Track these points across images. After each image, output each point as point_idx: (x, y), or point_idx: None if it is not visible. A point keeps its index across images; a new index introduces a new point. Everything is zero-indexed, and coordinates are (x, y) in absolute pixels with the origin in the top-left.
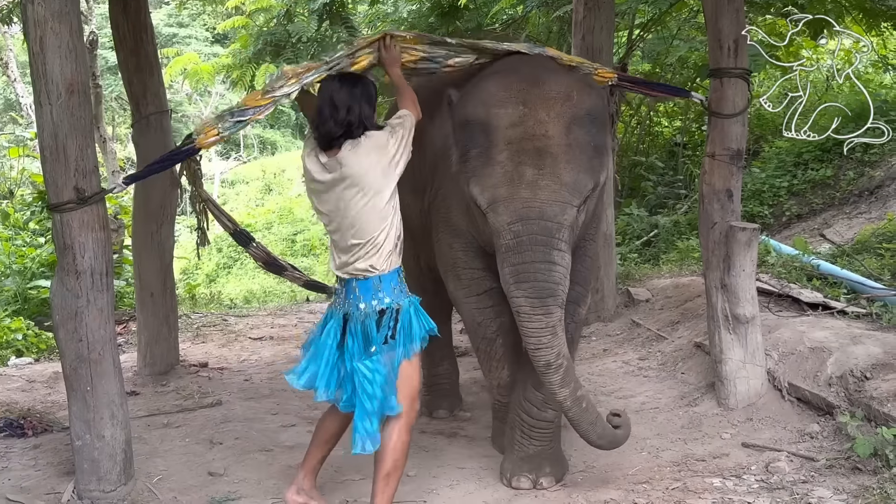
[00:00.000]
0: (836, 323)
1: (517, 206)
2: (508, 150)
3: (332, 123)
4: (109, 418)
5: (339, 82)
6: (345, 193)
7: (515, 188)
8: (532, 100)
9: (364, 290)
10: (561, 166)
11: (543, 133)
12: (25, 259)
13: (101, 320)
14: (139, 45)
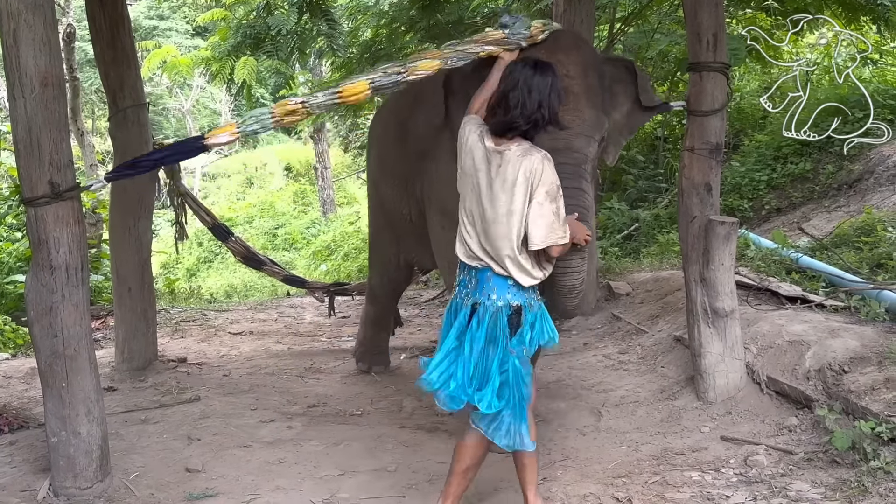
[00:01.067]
0: (814, 316)
1: (546, 139)
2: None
3: (517, 114)
4: (85, 415)
5: (532, 69)
6: (494, 187)
7: None
8: (550, 47)
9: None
10: (582, 104)
11: (565, 73)
12: (2, 253)
13: (77, 316)
14: (116, 38)
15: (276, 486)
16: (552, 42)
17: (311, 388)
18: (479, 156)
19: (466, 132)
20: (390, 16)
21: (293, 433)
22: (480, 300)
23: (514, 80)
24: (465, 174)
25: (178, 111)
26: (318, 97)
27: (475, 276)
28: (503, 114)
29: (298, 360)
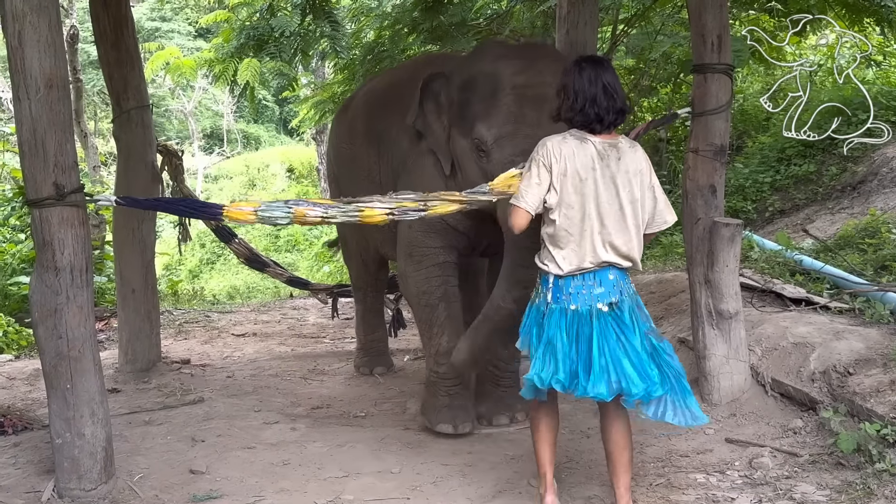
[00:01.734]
0: (819, 318)
1: (520, 140)
2: (513, 95)
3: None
4: (90, 416)
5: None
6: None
7: (519, 126)
8: (530, 55)
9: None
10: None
11: (542, 81)
12: (6, 255)
13: (81, 317)
14: (119, 39)
15: (281, 487)
16: (534, 51)
17: (315, 390)
18: (586, 158)
19: (555, 144)
20: (393, 17)
21: (297, 435)
22: (615, 299)
23: (590, 78)
24: (568, 183)
25: (180, 113)
26: (338, 215)
27: (595, 278)
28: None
29: (302, 362)
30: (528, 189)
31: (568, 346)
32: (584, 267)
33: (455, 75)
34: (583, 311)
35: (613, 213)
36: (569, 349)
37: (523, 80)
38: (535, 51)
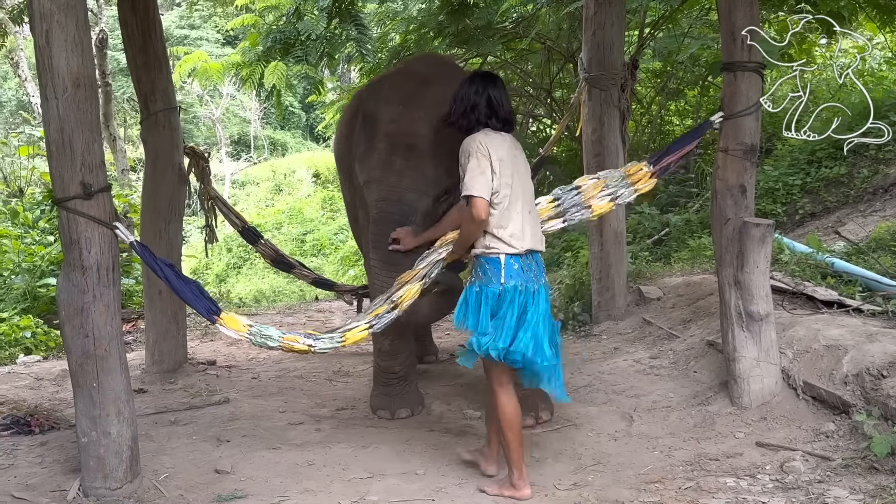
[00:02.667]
0: (851, 321)
1: (384, 187)
2: (385, 142)
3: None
4: (115, 415)
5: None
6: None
7: (384, 173)
8: (411, 100)
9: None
10: (426, 161)
11: (412, 131)
12: (35, 257)
13: (108, 316)
14: (147, 43)
15: (305, 488)
16: (419, 94)
17: (340, 392)
18: (507, 148)
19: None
20: (419, 21)
21: (322, 436)
22: (543, 279)
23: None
24: (506, 168)
25: (208, 119)
26: (325, 341)
27: (534, 259)
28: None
29: (327, 363)
30: (476, 178)
31: (514, 320)
32: (528, 245)
33: (362, 102)
34: (530, 289)
35: (530, 199)
36: (514, 322)
37: (395, 129)
38: (417, 91)
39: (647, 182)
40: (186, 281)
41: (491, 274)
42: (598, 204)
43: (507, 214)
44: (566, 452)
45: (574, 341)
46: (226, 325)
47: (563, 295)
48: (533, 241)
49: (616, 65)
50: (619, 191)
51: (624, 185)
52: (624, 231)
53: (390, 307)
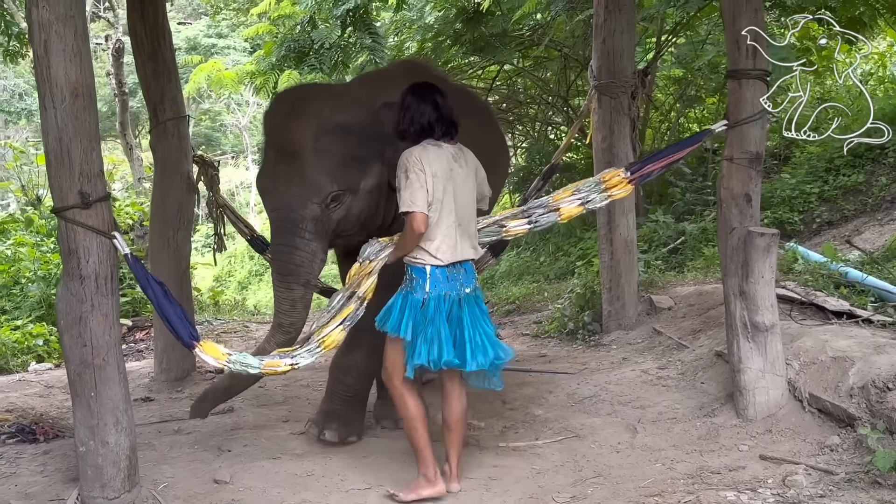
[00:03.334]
0: (860, 332)
1: (273, 197)
2: (272, 151)
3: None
4: (113, 424)
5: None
6: (467, 181)
7: (273, 182)
8: (292, 111)
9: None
10: (307, 168)
11: (295, 139)
12: (50, 265)
13: (106, 325)
14: (156, 51)
15: (302, 499)
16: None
17: None
18: (445, 161)
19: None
20: (436, 29)
21: (323, 446)
22: (472, 286)
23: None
24: (439, 182)
25: (235, 127)
26: (305, 356)
27: (462, 267)
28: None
29: None
30: (415, 193)
31: (448, 329)
32: (454, 257)
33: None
34: (454, 296)
35: (467, 208)
36: (448, 331)
37: (278, 138)
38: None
39: (622, 188)
40: (172, 303)
41: (416, 283)
42: (567, 207)
43: (435, 228)
44: (567, 464)
45: (583, 351)
46: (205, 352)
47: (573, 304)
48: (462, 253)
49: (626, 72)
50: (591, 196)
51: (597, 190)
52: (635, 240)
53: (359, 304)
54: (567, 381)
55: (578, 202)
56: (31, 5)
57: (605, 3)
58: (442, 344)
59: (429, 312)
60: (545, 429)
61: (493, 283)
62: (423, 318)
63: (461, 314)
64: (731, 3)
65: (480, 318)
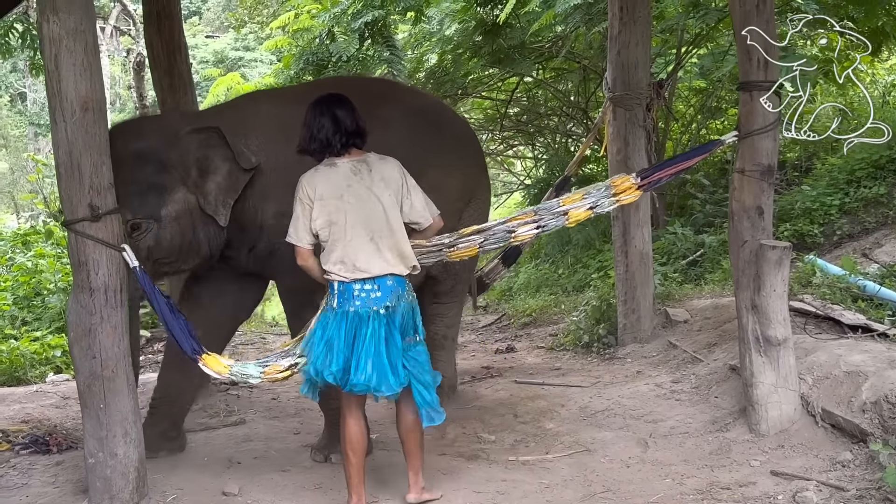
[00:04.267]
0: (875, 346)
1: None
2: None
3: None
4: (122, 436)
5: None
6: (372, 193)
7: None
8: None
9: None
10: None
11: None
12: (70, 277)
13: (115, 337)
14: (173, 65)
15: None
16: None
17: None
18: (339, 179)
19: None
20: (455, 42)
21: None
22: (391, 303)
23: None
24: (328, 204)
25: None
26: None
27: (375, 283)
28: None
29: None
30: (296, 226)
31: (343, 343)
32: (360, 274)
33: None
34: (361, 312)
35: (377, 219)
36: (343, 346)
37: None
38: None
39: (631, 194)
40: (178, 317)
41: (329, 299)
42: (576, 212)
43: (333, 249)
44: (576, 479)
45: (598, 364)
46: (208, 365)
47: (589, 317)
48: (375, 268)
49: (641, 84)
50: (600, 200)
51: (606, 195)
52: (650, 252)
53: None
54: (580, 395)
55: (587, 206)
56: (41, 20)
57: (619, 16)
58: (333, 356)
59: (331, 328)
60: (556, 443)
61: (511, 296)
62: (326, 332)
63: (367, 331)
64: (742, 15)
65: (391, 340)
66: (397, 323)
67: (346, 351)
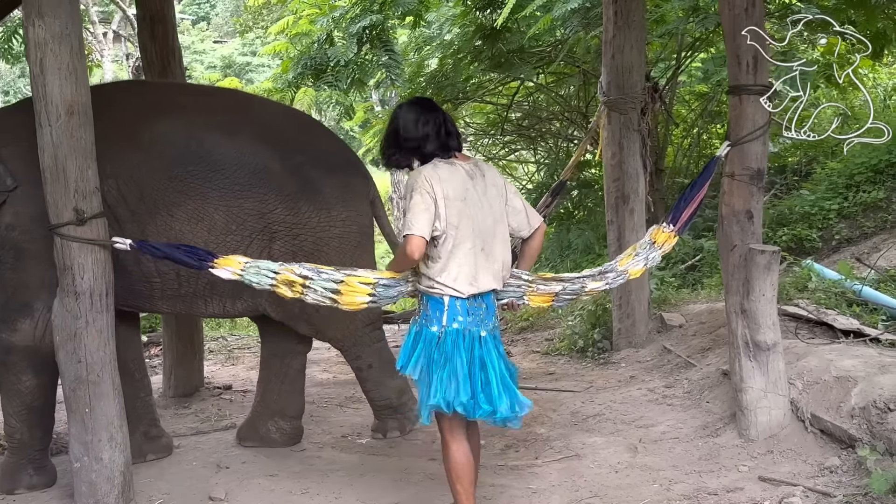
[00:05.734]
0: (867, 351)
1: None
2: None
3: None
4: (108, 441)
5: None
6: (488, 196)
7: None
8: None
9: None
10: None
11: None
12: None
13: (101, 341)
14: (167, 69)
15: None
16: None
17: (349, 418)
18: (460, 180)
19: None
20: (455, 46)
21: (321, 463)
22: (496, 322)
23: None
24: (453, 205)
25: None
26: (318, 289)
27: (483, 301)
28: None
29: (341, 389)
30: (418, 216)
31: (467, 368)
32: (476, 289)
33: None
34: (474, 332)
35: (489, 231)
36: (468, 371)
37: None
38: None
39: (671, 241)
40: (180, 247)
41: (432, 315)
42: (634, 269)
43: (452, 258)
44: (564, 484)
45: (592, 369)
46: (221, 266)
47: (584, 321)
48: (484, 283)
49: (636, 88)
50: (650, 255)
51: (652, 249)
52: None
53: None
54: (572, 400)
55: (641, 263)
56: (27, 24)
57: (614, 20)
58: (459, 384)
59: (446, 348)
60: (546, 447)
61: None
62: (440, 355)
63: (482, 354)
64: (731, 17)
65: (497, 361)
66: (499, 339)
67: (470, 376)
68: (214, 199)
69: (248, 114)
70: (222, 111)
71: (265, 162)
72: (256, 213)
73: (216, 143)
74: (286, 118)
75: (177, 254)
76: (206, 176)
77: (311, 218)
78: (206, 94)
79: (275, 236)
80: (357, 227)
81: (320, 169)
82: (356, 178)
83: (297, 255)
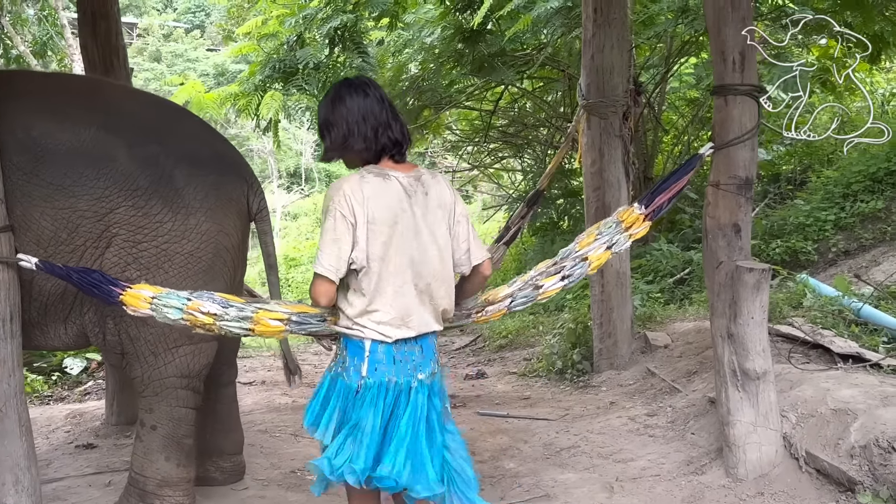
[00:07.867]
0: (867, 379)
1: None
2: None
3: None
4: (13, 484)
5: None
6: (428, 220)
7: None
8: None
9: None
10: None
11: None
12: None
13: (4, 372)
14: (109, 70)
15: None
16: None
17: (302, 450)
18: (392, 198)
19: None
20: (436, 50)
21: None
22: (434, 368)
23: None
24: (379, 232)
25: (262, 152)
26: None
27: (417, 344)
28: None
29: (297, 416)
30: (326, 249)
31: (378, 429)
32: (408, 332)
33: None
34: (402, 383)
35: (428, 263)
36: (377, 433)
37: None
38: None
39: (640, 226)
40: (93, 273)
41: (350, 362)
42: (595, 254)
43: (378, 294)
44: None
45: (570, 393)
46: (127, 304)
47: (564, 340)
48: (420, 325)
49: (616, 90)
50: (615, 237)
51: (618, 231)
52: (628, 272)
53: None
54: (546, 429)
55: (604, 247)
56: None
57: (593, 17)
58: (358, 449)
59: (362, 405)
60: (514, 485)
61: None
62: (353, 412)
63: (401, 412)
64: (716, 12)
65: (430, 421)
66: (437, 391)
67: (377, 439)
68: (40, 200)
69: (96, 97)
70: (64, 94)
71: (108, 150)
72: (93, 216)
73: (46, 129)
74: (149, 105)
75: (87, 280)
76: (31, 170)
77: (162, 223)
78: (57, 79)
79: (112, 241)
80: (213, 248)
81: (183, 163)
82: (230, 180)
83: (128, 269)
